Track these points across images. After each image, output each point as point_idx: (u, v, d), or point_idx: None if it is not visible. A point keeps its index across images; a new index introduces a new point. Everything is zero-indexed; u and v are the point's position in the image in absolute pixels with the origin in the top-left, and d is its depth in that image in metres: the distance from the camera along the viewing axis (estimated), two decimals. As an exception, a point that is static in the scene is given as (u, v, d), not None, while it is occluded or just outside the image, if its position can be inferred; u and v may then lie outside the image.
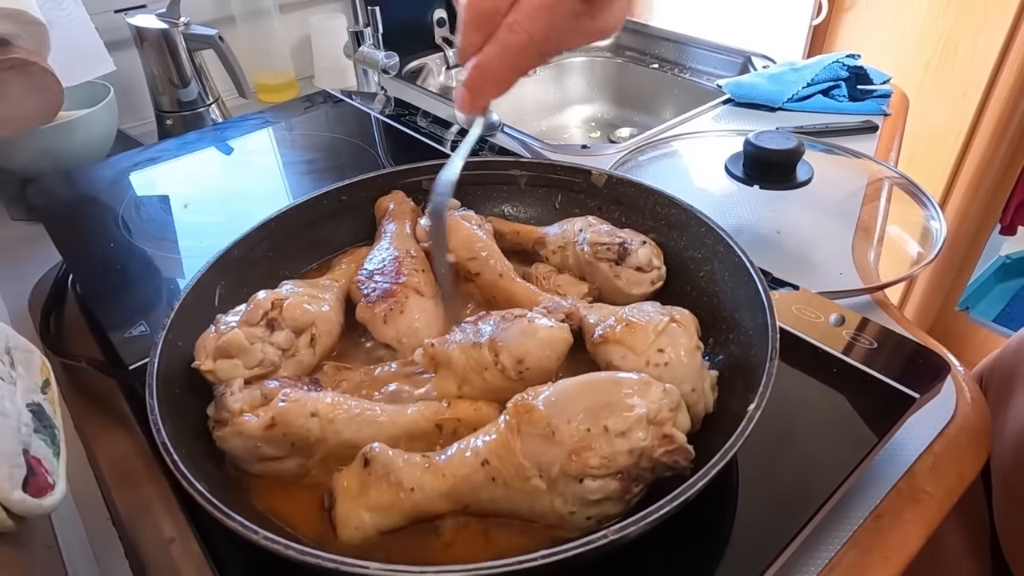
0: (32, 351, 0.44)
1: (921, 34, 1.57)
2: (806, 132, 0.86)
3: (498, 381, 0.37)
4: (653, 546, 0.34)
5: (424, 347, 0.38)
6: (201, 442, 0.36)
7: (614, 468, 0.31)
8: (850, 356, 0.45)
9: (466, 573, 0.26)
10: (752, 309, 0.39)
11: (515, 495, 0.32)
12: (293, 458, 0.35)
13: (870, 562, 0.42)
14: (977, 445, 0.49)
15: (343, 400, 0.36)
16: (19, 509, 0.33)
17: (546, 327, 0.37)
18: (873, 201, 0.75)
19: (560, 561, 0.26)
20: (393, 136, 0.85)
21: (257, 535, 0.27)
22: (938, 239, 0.65)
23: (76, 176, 0.71)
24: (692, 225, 0.47)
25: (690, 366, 0.37)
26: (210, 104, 0.93)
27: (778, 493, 0.37)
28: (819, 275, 0.63)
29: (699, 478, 0.29)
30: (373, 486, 0.32)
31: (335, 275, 0.49)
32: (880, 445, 0.39)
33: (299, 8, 1.10)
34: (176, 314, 0.39)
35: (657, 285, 0.47)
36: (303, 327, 0.41)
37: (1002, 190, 1.66)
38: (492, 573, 0.26)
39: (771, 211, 0.71)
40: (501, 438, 0.33)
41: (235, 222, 0.65)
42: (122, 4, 0.91)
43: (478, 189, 0.55)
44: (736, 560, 0.34)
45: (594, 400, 0.33)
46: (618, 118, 1.28)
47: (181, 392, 0.38)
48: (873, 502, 0.45)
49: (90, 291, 0.54)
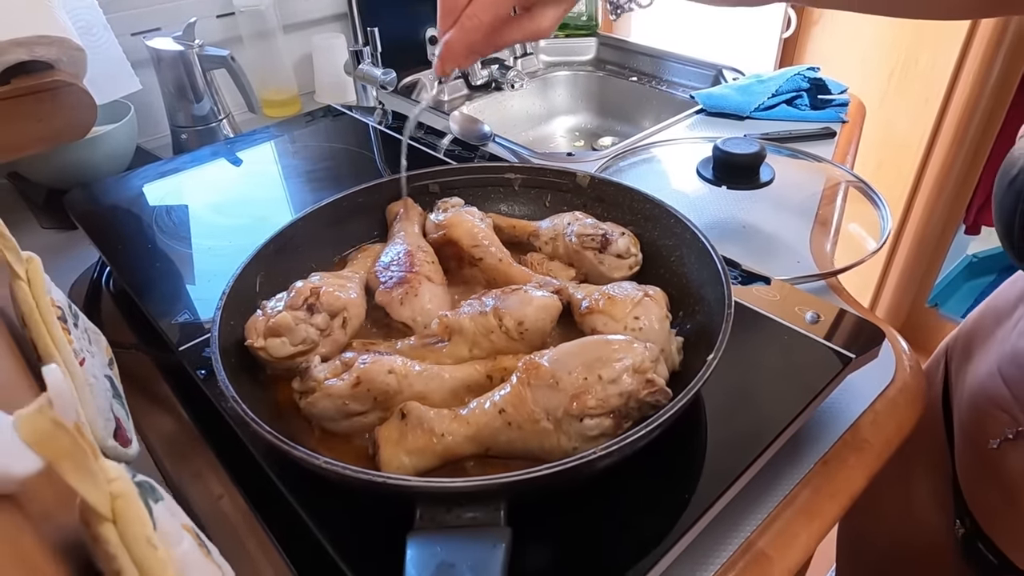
0: (99, 333, 0.50)
1: (883, 46, 1.67)
2: (771, 138, 0.95)
3: (503, 342, 0.44)
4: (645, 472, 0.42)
5: (439, 318, 0.46)
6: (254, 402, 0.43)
7: (608, 408, 0.39)
8: (800, 327, 0.52)
9: (491, 481, 0.33)
10: (713, 285, 0.47)
11: (528, 436, 0.39)
12: (375, 412, 0.42)
13: (819, 498, 0.50)
14: (913, 404, 0.57)
15: (409, 360, 0.43)
16: (112, 455, 0.39)
17: (540, 295, 0.45)
18: (830, 199, 0.83)
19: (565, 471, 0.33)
20: (390, 145, 0.92)
21: (319, 460, 0.34)
22: (884, 232, 0.73)
23: (107, 186, 0.78)
24: (664, 218, 0.55)
25: (660, 331, 0.45)
26: (221, 119, 1.00)
27: (740, 431, 0.45)
28: (780, 263, 0.71)
29: (670, 409, 0.36)
30: (410, 433, 0.39)
31: (355, 267, 0.56)
32: (823, 393, 0.47)
33: (301, 28, 1.17)
34: (227, 297, 0.46)
35: (635, 269, 0.54)
36: (337, 310, 0.48)
37: (964, 192, 1.76)
38: (511, 480, 0.33)
39: (738, 209, 0.79)
40: (515, 390, 0.40)
41: (259, 224, 0.72)
42: (138, 28, 0.98)
43: (478, 190, 0.62)
44: (709, 480, 0.41)
45: (589, 356, 0.40)
46: (601, 128, 1.37)
47: (235, 363, 0.45)
48: (822, 450, 0.52)
49: (134, 285, 0.61)
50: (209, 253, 0.67)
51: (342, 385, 0.41)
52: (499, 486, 0.33)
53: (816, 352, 0.50)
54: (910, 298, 1.97)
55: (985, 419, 0.57)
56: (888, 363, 0.59)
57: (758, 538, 0.47)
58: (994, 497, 0.56)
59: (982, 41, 1.53)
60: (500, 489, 0.34)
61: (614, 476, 0.41)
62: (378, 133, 0.95)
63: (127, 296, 0.70)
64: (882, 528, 0.73)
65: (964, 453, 0.61)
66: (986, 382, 0.57)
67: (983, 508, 0.57)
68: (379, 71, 1.06)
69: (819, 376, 0.48)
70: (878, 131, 1.77)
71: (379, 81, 1.05)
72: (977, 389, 0.59)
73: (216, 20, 1.06)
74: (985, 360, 0.58)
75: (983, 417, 0.57)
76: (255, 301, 0.49)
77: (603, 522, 0.40)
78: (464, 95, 1.29)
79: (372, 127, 0.96)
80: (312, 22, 1.18)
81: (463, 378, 0.43)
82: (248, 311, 0.49)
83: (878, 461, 0.53)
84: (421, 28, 1.26)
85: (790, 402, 0.46)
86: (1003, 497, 0.55)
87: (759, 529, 0.47)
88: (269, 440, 0.36)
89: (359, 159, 0.90)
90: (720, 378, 0.48)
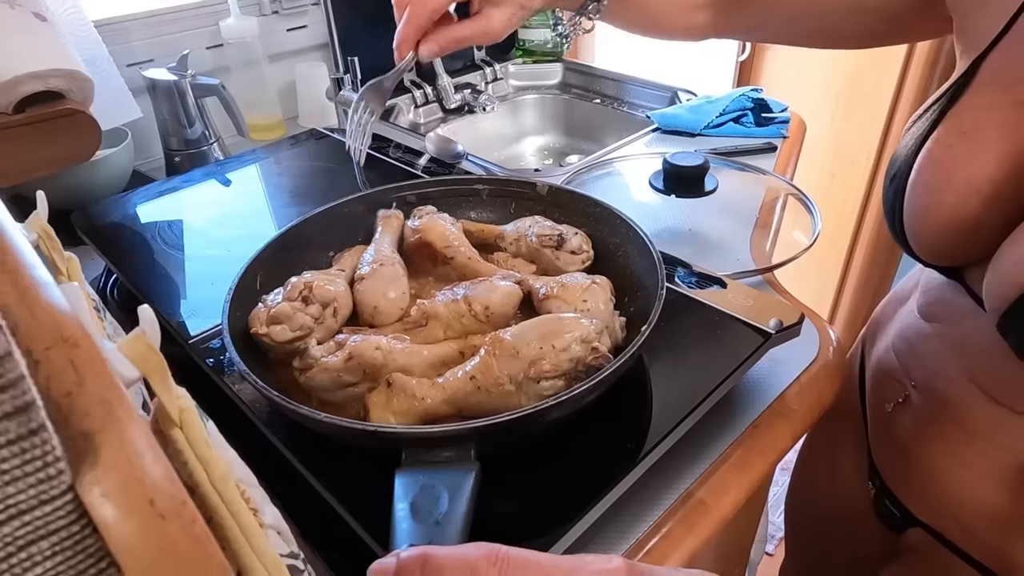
0: (118, 326, 0.57)
1: (830, 70, 1.80)
2: (718, 153, 1.04)
3: (472, 324, 0.52)
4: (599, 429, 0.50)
5: (418, 306, 0.53)
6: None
7: (560, 371, 0.46)
8: (731, 310, 0.61)
9: (463, 426, 0.40)
10: (652, 275, 0.55)
11: (494, 398, 0.47)
12: (364, 383, 0.49)
13: (750, 455, 0.57)
14: (832, 377, 0.65)
15: (393, 339, 0.51)
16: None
17: (504, 284, 0.53)
18: (770, 207, 0.93)
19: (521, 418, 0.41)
20: (370, 164, 1.00)
21: (320, 416, 0.41)
22: (815, 232, 0.82)
23: (110, 204, 0.85)
24: (611, 219, 0.63)
25: (605, 311, 0.53)
26: (212, 143, 1.07)
27: (680, 393, 0.53)
28: (722, 261, 0.79)
29: (608, 369, 0.44)
30: (395, 398, 0.47)
31: (341, 265, 0.63)
32: (748, 361, 0.55)
33: (285, 58, 1.25)
34: (233, 293, 0.54)
35: (587, 263, 0.62)
36: (328, 301, 0.55)
37: (910, 204, 1.88)
38: (479, 425, 0.40)
39: (685, 215, 0.88)
40: (483, 360, 0.48)
41: (253, 234, 0.79)
42: (134, 60, 1.06)
43: (451, 200, 0.70)
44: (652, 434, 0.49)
45: (544, 330, 0.48)
46: (568, 146, 1.46)
47: (242, 348, 0.52)
48: (754, 415, 0.60)
49: (142, 289, 0.67)
50: (208, 261, 0.74)
51: (336, 360, 0.48)
52: (469, 430, 0.41)
53: (743, 331, 0.59)
54: (867, 304, 2.08)
55: (883, 388, 0.65)
56: (813, 343, 0.68)
57: (697, 488, 0.55)
58: (892, 455, 0.64)
59: (918, 66, 1.66)
60: (470, 433, 0.41)
61: (577, 430, 0.48)
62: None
63: (131, 302, 0.77)
64: (815, 498, 0.81)
65: (871, 420, 0.68)
66: (883, 356, 0.66)
67: (886, 466, 0.65)
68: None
69: (745, 348, 0.56)
70: (830, 147, 1.89)
71: (359, 106, 1.13)
72: (877, 363, 0.67)
73: (206, 51, 1.14)
74: (884, 339, 0.67)
75: (881, 386, 0.66)
76: (256, 297, 0.57)
77: (561, 468, 0.48)
78: (439, 118, 1.37)
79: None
80: (295, 52, 1.27)
81: (439, 354, 0.51)
82: (250, 305, 0.56)
83: (802, 426, 0.61)
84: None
85: (721, 369, 0.54)
86: (897, 454, 0.63)
87: (697, 481, 0.55)
88: (278, 403, 0.43)
89: (341, 176, 0.98)
90: (664, 352, 0.57)
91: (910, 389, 0.61)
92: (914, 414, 0.60)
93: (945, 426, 0.57)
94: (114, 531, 0.17)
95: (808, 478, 0.83)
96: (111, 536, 0.17)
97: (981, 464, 0.54)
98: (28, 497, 0.17)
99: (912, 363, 0.61)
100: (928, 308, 0.60)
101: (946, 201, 0.47)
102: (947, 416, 0.57)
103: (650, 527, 0.51)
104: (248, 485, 0.30)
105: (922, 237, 0.51)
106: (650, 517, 0.52)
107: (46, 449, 0.17)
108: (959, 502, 0.56)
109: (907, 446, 0.60)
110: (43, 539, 0.17)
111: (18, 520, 0.17)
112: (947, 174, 0.47)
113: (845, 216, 1.94)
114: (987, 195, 0.45)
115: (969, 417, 0.55)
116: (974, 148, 0.46)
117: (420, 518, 0.38)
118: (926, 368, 0.59)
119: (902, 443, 0.61)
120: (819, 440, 0.80)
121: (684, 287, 0.64)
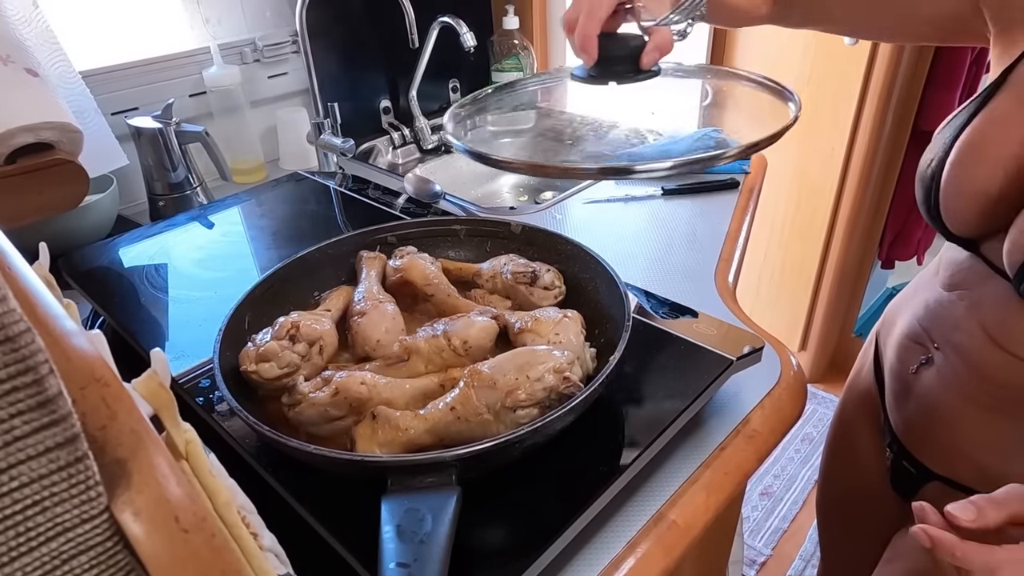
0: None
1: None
2: (684, 188, 1.10)
3: (452, 358, 0.55)
4: (576, 444, 0.53)
5: (400, 342, 0.57)
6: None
7: (535, 400, 0.49)
8: (696, 339, 0.65)
9: (444, 454, 0.43)
10: (619, 307, 0.59)
11: (474, 427, 0.50)
12: (350, 416, 0.52)
13: (717, 476, 0.61)
14: (794, 401, 0.69)
15: (377, 375, 0.54)
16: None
17: (481, 320, 0.56)
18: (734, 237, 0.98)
19: (498, 445, 0.44)
20: (350, 205, 1.04)
21: (310, 448, 0.44)
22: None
23: (97, 250, 0.87)
24: (582, 256, 0.67)
25: (576, 343, 0.56)
26: (196, 187, 1.10)
27: (648, 418, 0.56)
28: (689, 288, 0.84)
29: (579, 397, 0.48)
30: (380, 430, 0.49)
31: (327, 305, 0.66)
32: (713, 385, 0.59)
33: (267, 104, 1.29)
34: (223, 333, 0.56)
35: (559, 298, 0.66)
36: (314, 339, 0.58)
37: (874, 231, 1.96)
38: (459, 453, 0.43)
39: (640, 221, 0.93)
40: (463, 392, 0.51)
41: (238, 276, 0.82)
42: (119, 108, 1.09)
43: (429, 239, 0.74)
44: (627, 449, 0.52)
45: (520, 362, 0.51)
46: (542, 184, 1.50)
47: (232, 386, 0.54)
48: (720, 438, 0.64)
49: (129, 331, 0.70)
50: (193, 302, 0.76)
51: (323, 395, 0.51)
52: (451, 457, 0.44)
53: (708, 357, 0.62)
54: (837, 329, 2.14)
55: (907, 354, 0.73)
56: (775, 368, 0.72)
57: (668, 509, 0.58)
58: (912, 415, 0.73)
59: (874, 97, 1.74)
60: (451, 460, 0.44)
61: (552, 455, 0.51)
62: (339, 194, 1.07)
63: (117, 343, 0.79)
64: (837, 483, 0.93)
65: (891, 386, 0.77)
66: (907, 328, 0.74)
67: (905, 429, 0.74)
68: (339, 140, 1.18)
69: (710, 374, 0.60)
70: (795, 176, 1.96)
71: (339, 149, 1.18)
72: (901, 336, 0.76)
73: (190, 98, 1.18)
74: (907, 317, 0.75)
75: (905, 353, 0.74)
76: (245, 336, 0.59)
77: (536, 491, 0.51)
78: (417, 158, 1.42)
79: (333, 189, 1.08)
80: (277, 98, 1.31)
81: (421, 387, 0.54)
82: (239, 344, 0.59)
83: (766, 446, 0.65)
84: (376, 100, 1.40)
85: (687, 394, 0.58)
86: (920, 412, 0.71)
87: (668, 502, 0.58)
88: (270, 437, 0.45)
89: (322, 218, 1.01)
90: (634, 380, 0.60)
91: (932, 350, 0.69)
92: (936, 369, 0.69)
93: (963, 374, 0.66)
94: (144, 545, 0.20)
95: (830, 469, 0.94)
96: (142, 550, 0.20)
97: (992, 403, 0.64)
98: (72, 516, 0.19)
99: (935, 327, 0.69)
100: (951, 279, 0.68)
101: (978, 175, 0.57)
102: (965, 365, 0.65)
103: (624, 547, 0.54)
104: (248, 511, 0.33)
105: (954, 209, 0.60)
106: (624, 538, 0.55)
107: (88, 475, 0.19)
108: (972, 439, 0.66)
109: (928, 400, 0.70)
110: (83, 553, 0.20)
111: (63, 536, 0.19)
112: (980, 153, 0.57)
113: (811, 243, 2.01)
114: (1012, 172, 0.55)
115: (984, 364, 0.63)
116: (1002, 132, 0.56)
117: (405, 538, 0.40)
118: (948, 328, 0.67)
119: (923, 399, 0.70)
120: (840, 429, 0.91)
121: (657, 317, 0.68)
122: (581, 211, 1.08)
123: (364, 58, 1.36)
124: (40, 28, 0.89)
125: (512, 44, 1.51)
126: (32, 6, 0.87)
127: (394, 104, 1.42)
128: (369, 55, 1.36)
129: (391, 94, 1.41)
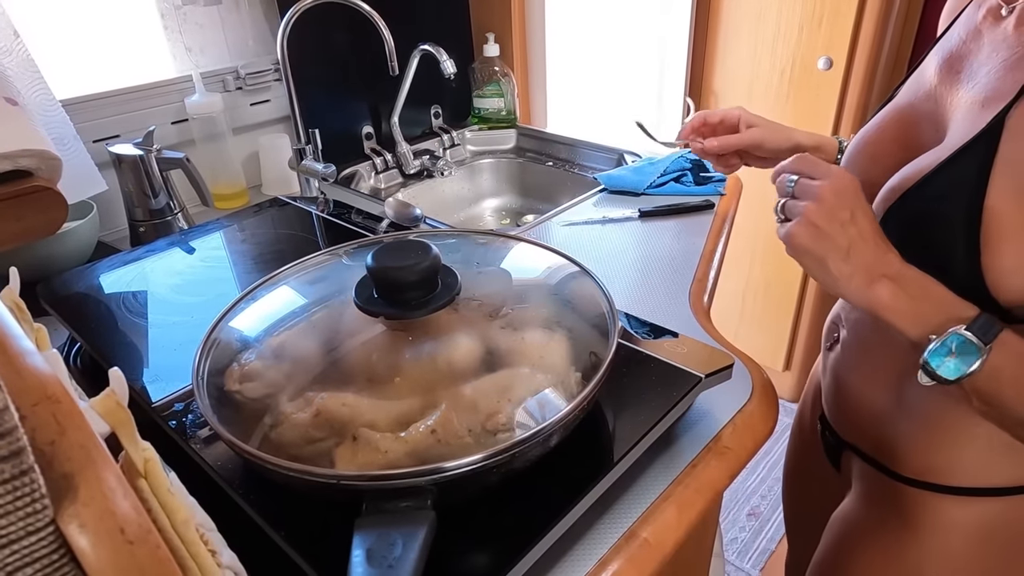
0: (82, 391, 0.60)
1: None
2: (660, 210, 1.11)
3: (436, 379, 0.56)
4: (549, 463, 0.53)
5: (383, 362, 0.57)
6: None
7: (515, 424, 0.50)
8: (667, 357, 0.66)
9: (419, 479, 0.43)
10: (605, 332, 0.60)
11: (454, 450, 0.50)
12: (332, 438, 0.51)
13: (689, 493, 0.61)
14: (765, 417, 0.70)
15: (359, 396, 0.54)
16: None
17: (466, 340, 0.57)
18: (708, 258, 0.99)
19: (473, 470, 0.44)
20: (332, 230, 1.05)
21: (290, 467, 0.44)
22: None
23: (75, 276, 0.87)
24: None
25: (561, 367, 0.57)
26: (177, 213, 1.11)
27: (619, 433, 0.57)
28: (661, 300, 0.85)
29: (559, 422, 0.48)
30: (360, 451, 0.50)
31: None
32: (683, 402, 0.60)
33: (249, 130, 1.31)
34: (201, 353, 0.57)
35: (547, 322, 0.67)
36: (299, 360, 0.59)
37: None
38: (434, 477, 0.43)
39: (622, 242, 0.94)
40: (444, 414, 0.51)
41: (217, 300, 0.82)
42: (100, 135, 1.10)
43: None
44: (597, 466, 0.53)
45: (501, 384, 0.52)
46: (524, 206, 1.53)
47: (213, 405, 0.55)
48: (691, 455, 0.64)
49: (106, 356, 0.70)
50: (171, 327, 0.77)
51: (305, 416, 0.51)
52: (425, 482, 0.44)
53: (678, 375, 0.63)
54: (818, 348, 2.16)
55: (828, 333, 0.82)
56: (746, 386, 0.73)
57: (639, 527, 0.58)
58: (829, 387, 0.81)
59: (848, 123, 1.78)
60: (426, 484, 0.44)
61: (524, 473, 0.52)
62: (320, 219, 1.08)
63: (94, 370, 0.79)
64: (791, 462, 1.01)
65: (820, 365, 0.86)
66: (832, 314, 0.82)
67: (825, 400, 0.82)
68: (320, 165, 1.20)
69: (679, 391, 0.61)
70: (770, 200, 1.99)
71: (320, 174, 1.19)
72: (828, 319, 0.83)
73: (172, 125, 1.19)
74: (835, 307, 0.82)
75: (827, 332, 0.82)
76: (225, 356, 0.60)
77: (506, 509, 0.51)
78: (399, 183, 1.43)
79: (315, 214, 1.09)
80: (259, 124, 1.32)
81: (404, 408, 0.54)
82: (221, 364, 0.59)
83: (737, 463, 0.66)
84: (357, 126, 1.42)
85: (657, 411, 0.59)
86: (831, 385, 0.80)
87: (640, 519, 0.58)
88: (248, 454, 0.46)
89: (304, 242, 1.02)
90: (607, 399, 0.61)
91: (841, 330, 0.78)
92: (843, 346, 0.77)
93: (855, 349, 0.75)
94: (90, 557, 0.21)
95: (790, 447, 1.02)
96: (87, 561, 0.21)
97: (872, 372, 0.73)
98: (17, 529, 0.20)
99: (844, 312, 0.78)
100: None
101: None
102: (857, 341, 0.75)
103: (595, 565, 0.54)
104: (207, 529, 0.34)
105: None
106: (595, 555, 0.55)
107: (34, 487, 0.20)
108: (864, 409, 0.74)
109: (835, 374, 0.78)
110: (28, 565, 0.20)
111: (8, 549, 0.20)
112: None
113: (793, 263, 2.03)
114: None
115: (872, 338, 0.72)
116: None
117: (374, 563, 0.40)
118: (853, 313, 0.76)
119: (833, 373, 0.79)
120: (798, 417, 0.98)
121: (639, 337, 0.69)
122: (561, 232, 1.10)
123: (346, 85, 1.38)
124: (21, 57, 0.90)
125: (493, 71, 1.54)
126: (12, 36, 0.88)
127: (376, 130, 1.44)
128: (351, 82, 1.38)
129: (373, 120, 1.43)
